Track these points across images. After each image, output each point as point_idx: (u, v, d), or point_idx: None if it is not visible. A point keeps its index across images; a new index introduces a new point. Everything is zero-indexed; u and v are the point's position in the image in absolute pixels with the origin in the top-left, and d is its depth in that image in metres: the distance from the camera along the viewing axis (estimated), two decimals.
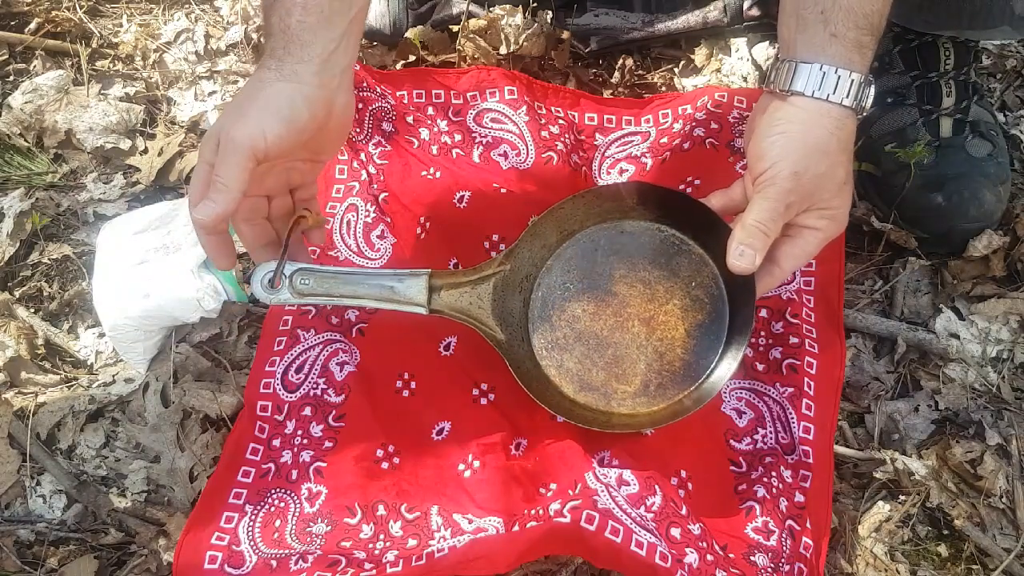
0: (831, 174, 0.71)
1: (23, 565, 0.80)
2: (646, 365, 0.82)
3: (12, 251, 1.00)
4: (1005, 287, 0.95)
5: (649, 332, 0.83)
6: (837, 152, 0.71)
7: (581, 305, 0.84)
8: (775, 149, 0.71)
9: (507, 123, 1.03)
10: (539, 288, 0.85)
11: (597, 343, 0.83)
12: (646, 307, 0.83)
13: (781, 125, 0.71)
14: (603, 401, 0.83)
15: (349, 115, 0.77)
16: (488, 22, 1.08)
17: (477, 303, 0.81)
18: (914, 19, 0.93)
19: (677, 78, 1.13)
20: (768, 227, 0.71)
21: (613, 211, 0.84)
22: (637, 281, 0.84)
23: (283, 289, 0.78)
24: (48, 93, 1.11)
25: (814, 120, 0.71)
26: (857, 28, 0.70)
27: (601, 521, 0.72)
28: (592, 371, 0.83)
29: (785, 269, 0.75)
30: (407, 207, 0.97)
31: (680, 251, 0.83)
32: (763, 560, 0.75)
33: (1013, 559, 0.79)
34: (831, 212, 0.73)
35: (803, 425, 0.84)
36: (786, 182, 0.70)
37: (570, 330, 0.84)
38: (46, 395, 0.90)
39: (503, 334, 0.82)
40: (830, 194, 0.72)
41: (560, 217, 0.84)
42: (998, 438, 0.86)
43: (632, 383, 0.82)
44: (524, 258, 0.84)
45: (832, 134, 0.71)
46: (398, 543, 0.78)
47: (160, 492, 0.86)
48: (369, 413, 0.86)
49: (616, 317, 0.84)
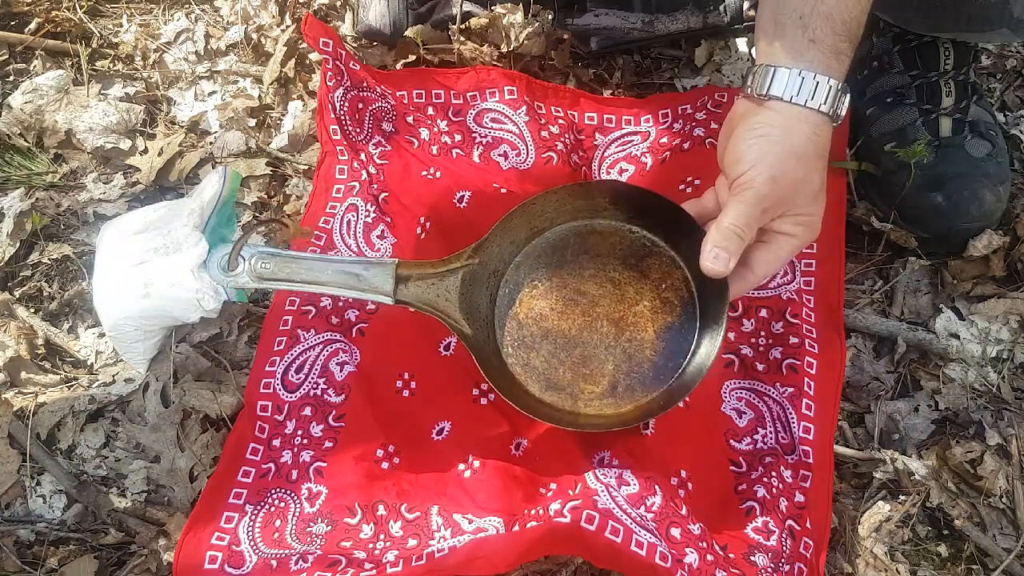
0: (807, 179, 0.71)
1: (23, 565, 0.80)
2: (614, 366, 0.81)
3: (12, 251, 1.00)
4: (1005, 287, 0.95)
5: (618, 333, 0.82)
6: (814, 158, 0.71)
7: (549, 303, 0.83)
8: (753, 152, 0.70)
9: (507, 123, 1.03)
10: (506, 284, 0.84)
11: (565, 342, 0.82)
12: (615, 307, 0.82)
13: (760, 129, 0.71)
14: (569, 401, 0.81)
15: None
16: (489, 21, 1.08)
17: (444, 295, 0.80)
18: (913, 21, 0.93)
19: (677, 78, 1.13)
20: (743, 231, 0.70)
21: (584, 209, 0.83)
22: (607, 281, 0.83)
23: (241, 273, 0.76)
24: (48, 93, 1.11)
25: (792, 125, 0.70)
26: (835, 34, 0.70)
27: (601, 521, 0.72)
28: (559, 370, 0.82)
29: (758, 275, 0.74)
30: (407, 207, 0.97)
31: (651, 252, 0.82)
32: (763, 560, 0.75)
33: (1013, 559, 0.79)
34: (806, 219, 0.72)
35: (803, 425, 0.84)
36: (764, 186, 0.69)
37: (537, 328, 0.83)
38: (46, 395, 0.90)
39: (470, 328, 0.81)
40: (806, 200, 0.71)
41: (531, 213, 0.82)
42: (998, 438, 0.86)
43: (599, 384, 0.81)
44: (493, 253, 0.83)
45: (809, 139, 0.71)
46: (398, 543, 0.78)
47: (160, 492, 0.86)
48: (369, 413, 0.86)
49: (585, 316, 0.83)
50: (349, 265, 0.79)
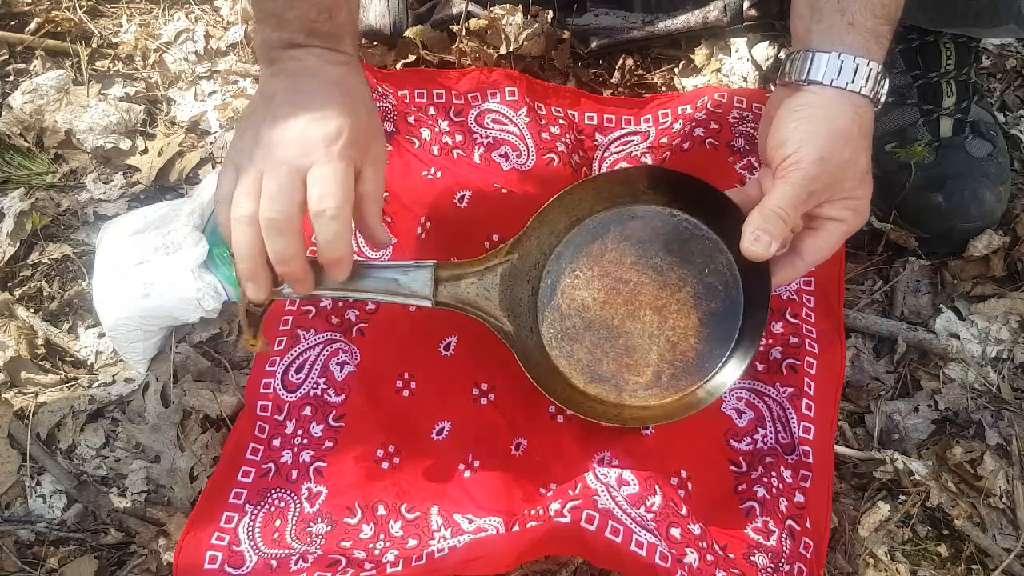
0: (854, 160, 0.69)
1: (23, 565, 0.81)
2: (658, 355, 0.80)
3: (12, 251, 1.00)
4: (1005, 287, 0.95)
5: (661, 321, 0.81)
6: (859, 138, 0.70)
7: (591, 293, 0.82)
8: (798, 134, 0.69)
9: (508, 124, 1.03)
10: (548, 276, 0.83)
11: (608, 332, 0.81)
12: (658, 295, 0.81)
13: (803, 111, 0.70)
14: (614, 393, 0.81)
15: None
16: (488, 21, 1.08)
17: (484, 294, 0.79)
18: (919, 16, 0.92)
19: (677, 78, 1.13)
20: (788, 213, 0.68)
21: (623, 195, 0.81)
22: (648, 268, 0.81)
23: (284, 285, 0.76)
24: (48, 93, 1.11)
25: (835, 106, 0.69)
26: (875, 17, 0.69)
27: (601, 521, 0.72)
28: (603, 361, 0.81)
29: (808, 262, 0.73)
30: (408, 207, 0.97)
31: (693, 236, 0.80)
32: (763, 560, 0.75)
33: (1013, 559, 0.79)
34: (854, 203, 0.71)
35: (803, 425, 0.84)
36: (812, 167, 0.68)
37: (580, 319, 0.82)
38: (46, 395, 0.90)
39: (511, 325, 0.80)
40: (853, 183, 0.70)
41: (568, 203, 0.81)
42: (998, 438, 0.86)
43: (644, 374, 0.80)
44: (532, 246, 0.82)
45: (853, 121, 0.69)
46: (398, 543, 0.78)
47: (160, 492, 0.86)
48: (369, 413, 0.86)
49: (627, 305, 0.81)
50: (387, 271, 0.77)
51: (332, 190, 0.65)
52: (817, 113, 0.69)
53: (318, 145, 0.65)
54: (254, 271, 0.67)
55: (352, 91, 0.72)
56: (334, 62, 0.73)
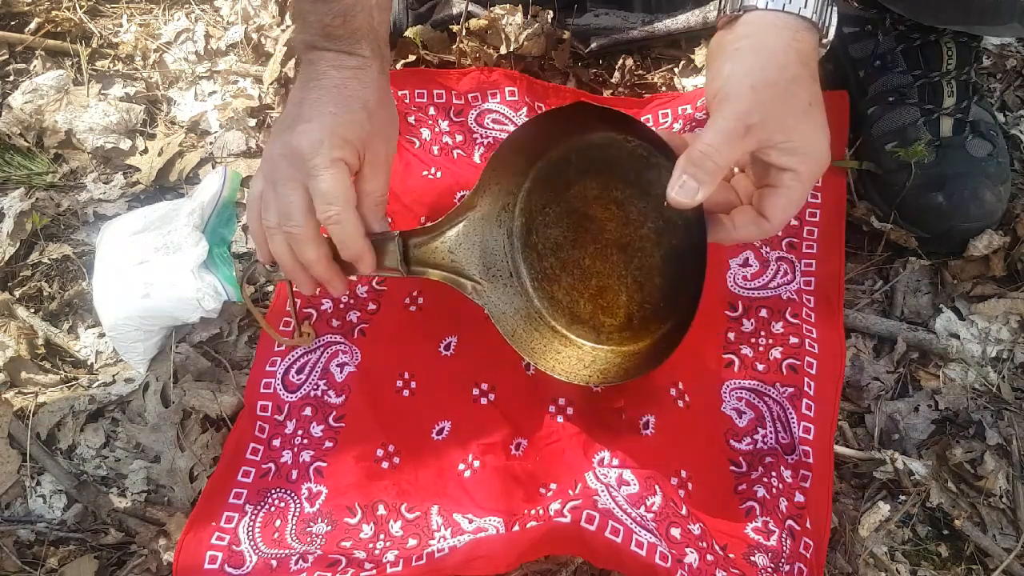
0: (791, 91, 0.63)
1: (23, 565, 0.81)
2: (627, 297, 0.78)
3: (12, 251, 1.00)
4: (1005, 287, 0.95)
5: (627, 260, 0.77)
6: (797, 65, 0.64)
7: (562, 231, 0.80)
8: (728, 65, 0.65)
9: (508, 124, 1.03)
10: (520, 215, 0.81)
11: (581, 273, 0.80)
12: (622, 232, 0.77)
13: (734, 43, 0.66)
14: (592, 335, 0.80)
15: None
16: (488, 21, 1.08)
17: (455, 252, 0.78)
18: (922, 14, 0.92)
19: (677, 78, 1.13)
20: (720, 151, 0.63)
21: (574, 125, 0.75)
22: (611, 202, 0.77)
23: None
24: (48, 93, 1.11)
25: (767, 31, 0.65)
26: None
27: (601, 521, 0.72)
28: (579, 303, 0.80)
29: (775, 223, 0.67)
30: (408, 207, 0.97)
31: (649, 164, 0.74)
32: (763, 560, 0.75)
33: (1013, 559, 0.79)
34: (800, 144, 0.64)
35: (803, 425, 0.84)
36: (743, 97, 0.62)
37: (555, 259, 0.80)
38: (46, 395, 0.90)
39: (487, 281, 0.79)
40: (795, 119, 0.64)
41: (520, 144, 0.76)
42: (998, 438, 0.85)
43: (617, 316, 0.79)
44: (496, 190, 0.79)
45: (789, 45, 0.64)
46: (398, 543, 0.78)
47: (160, 492, 0.86)
48: (369, 413, 0.86)
49: (595, 244, 0.78)
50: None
51: (328, 199, 0.70)
52: (746, 43, 0.65)
53: (306, 158, 0.70)
54: (293, 270, 0.76)
55: (350, 95, 0.74)
56: (341, 67, 0.74)
